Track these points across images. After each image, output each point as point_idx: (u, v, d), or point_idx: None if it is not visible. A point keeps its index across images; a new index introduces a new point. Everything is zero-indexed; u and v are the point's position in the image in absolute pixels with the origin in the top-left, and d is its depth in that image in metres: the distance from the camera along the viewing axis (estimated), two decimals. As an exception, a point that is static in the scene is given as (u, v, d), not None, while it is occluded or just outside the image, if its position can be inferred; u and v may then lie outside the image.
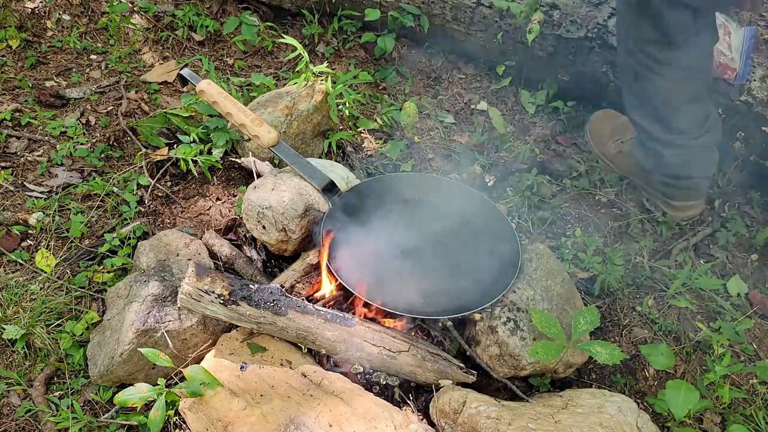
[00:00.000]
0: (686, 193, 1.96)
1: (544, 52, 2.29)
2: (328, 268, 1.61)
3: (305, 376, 1.50)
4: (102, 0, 2.67)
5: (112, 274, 1.79)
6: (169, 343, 1.51)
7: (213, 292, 1.48)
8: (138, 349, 1.46)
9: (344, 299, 1.70)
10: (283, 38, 2.12)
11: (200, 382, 1.38)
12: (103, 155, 2.11)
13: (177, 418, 1.47)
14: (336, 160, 2.15)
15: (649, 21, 1.66)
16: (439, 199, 1.87)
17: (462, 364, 1.55)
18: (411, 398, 1.57)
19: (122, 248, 1.84)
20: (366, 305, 1.63)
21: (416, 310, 1.60)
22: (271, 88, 2.28)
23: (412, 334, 1.62)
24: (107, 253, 1.84)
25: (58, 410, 1.54)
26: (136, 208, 1.96)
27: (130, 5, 2.63)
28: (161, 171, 2.06)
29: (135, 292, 1.57)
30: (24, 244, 1.87)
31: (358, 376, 1.56)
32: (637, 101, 1.85)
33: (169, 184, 2.07)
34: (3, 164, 2.07)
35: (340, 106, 2.25)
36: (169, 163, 2.08)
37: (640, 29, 1.70)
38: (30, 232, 1.89)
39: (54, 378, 1.62)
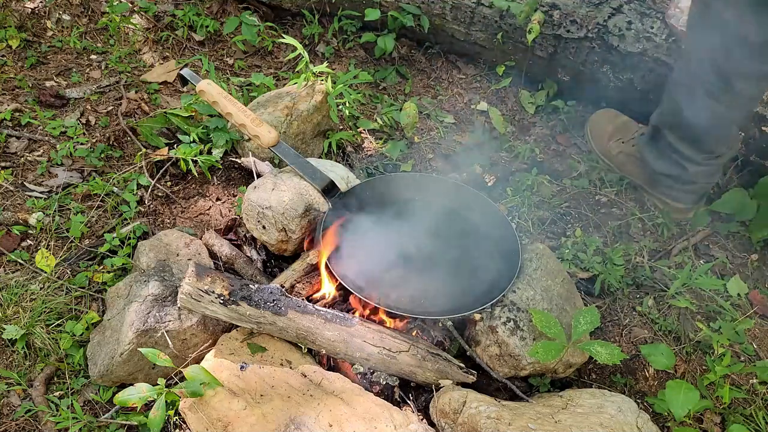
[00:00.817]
0: (689, 197, 1.97)
1: (544, 52, 2.29)
2: (328, 268, 1.61)
3: (305, 376, 1.50)
4: (102, 0, 2.67)
5: (112, 274, 1.79)
6: (169, 343, 1.51)
7: (213, 292, 1.48)
8: (138, 349, 1.46)
9: (344, 299, 1.70)
10: (283, 38, 2.12)
11: (200, 382, 1.38)
12: (103, 155, 2.11)
13: (177, 418, 1.47)
14: (336, 160, 2.15)
15: (755, 49, 1.54)
16: (439, 199, 1.87)
17: (462, 364, 1.55)
18: (411, 398, 1.57)
19: (122, 248, 1.84)
20: (366, 305, 1.63)
21: (416, 310, 1.60)
22: (271, 88, 2.28)
23: (412, 334, 1.62)
24: (107, 253, 1.84)
25: (58, 410, 1.54)
26: (136, 208, 1.96)
27: (130, 5, 2.63)
28: (161, 171, 2.06)
29: (135, 292, 1.57)
30: (24, 244, 1.87)
31: (358, 376, 1.56)
32: (676, 120, 1.82)
33: (169, 184, 2.07)
34: (3, 164, 2.07)
35: (340, 106, 2.25)
36: (169, 163, 2.07)
37: (731, 59, 1.58)
38: (30, 232, 1.89)
39: (54, 378, 1.62)
